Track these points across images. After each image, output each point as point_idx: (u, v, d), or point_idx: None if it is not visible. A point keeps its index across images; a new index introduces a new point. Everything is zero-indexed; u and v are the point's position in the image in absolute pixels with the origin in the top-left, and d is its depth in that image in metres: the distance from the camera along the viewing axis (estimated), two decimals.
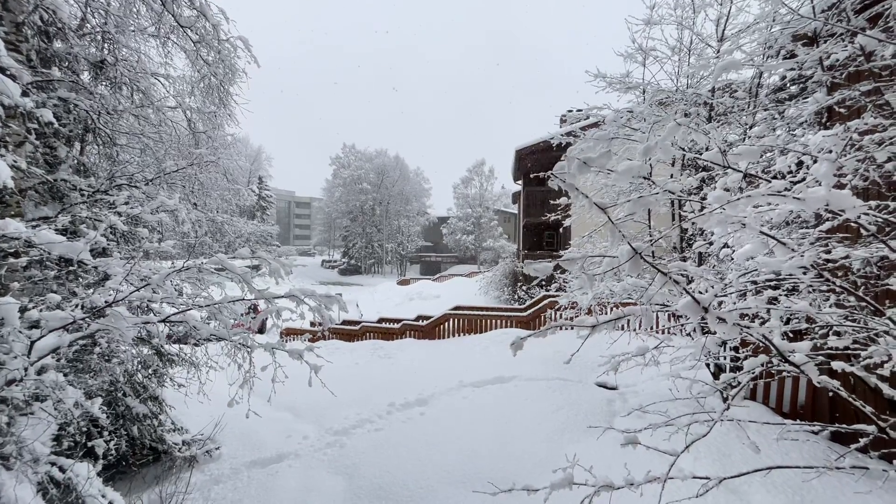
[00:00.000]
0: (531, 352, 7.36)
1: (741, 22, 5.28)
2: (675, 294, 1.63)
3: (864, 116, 2.47)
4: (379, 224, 49.30)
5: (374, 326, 12.12)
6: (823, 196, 1.34)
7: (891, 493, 3.00)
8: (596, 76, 6.01)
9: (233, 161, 6.82)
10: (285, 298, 3.10)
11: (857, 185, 2.62)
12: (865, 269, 2.73)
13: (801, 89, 4.55)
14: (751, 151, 1.60)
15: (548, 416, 5.39)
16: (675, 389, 2.94)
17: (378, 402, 6.29)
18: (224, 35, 5.38)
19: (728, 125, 5.41)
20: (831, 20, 3.10)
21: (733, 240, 2.38)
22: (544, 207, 11.28)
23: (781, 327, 1.99)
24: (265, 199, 46.84)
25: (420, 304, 19.93)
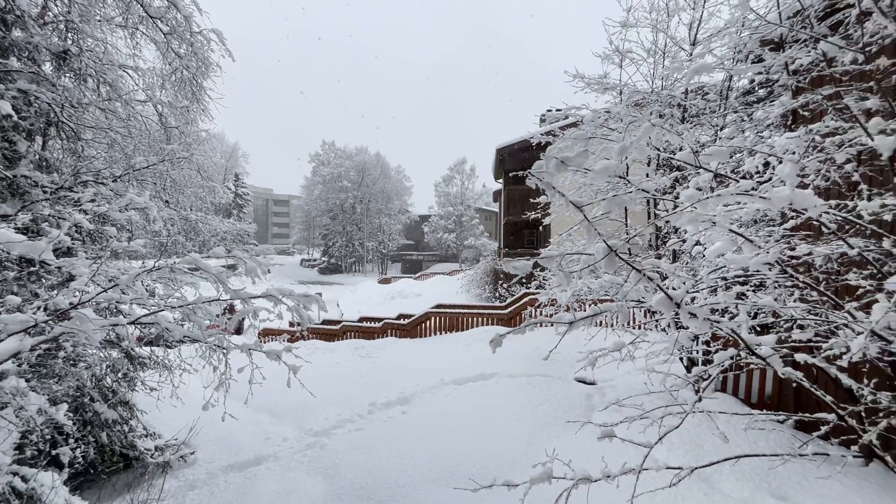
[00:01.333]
0: (512, 349, 7.43)
1: (712, 27, 5.45)
2: (649, 290, 1.68)
3: (825, 119, 2.59)
4: (360, 222, 48.81)
5: (355, 326, 12.01)
6: (787, 195, 1.40)
7: (850, 477, 3.17)
8: (574, 76, 6.10)
9: (207, 157, 6.62)
10: (262, 298, 3.04)
11: (819, 185, 2.75)
12: (827, 265, 2.86)
13: (768, 93, 4.73)
14: (720, 152, 1.66)
15: (528, 411, 5.46)
16: (650, 383, 3.03)
17: (359, 401, 6.24)
18: (197, 27, 5.21)
19: (700, 126, 5.59)
20: (796, 27, 3.24)
21: (705, 237, 2.46)
22: (525, 206, 11.41)
23: (749, 321, 2.07)
24: (242, 196, 45.75)
25: (401, 303, 19.85)
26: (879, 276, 2.31)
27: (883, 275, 2.25)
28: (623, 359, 2.79)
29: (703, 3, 5.37)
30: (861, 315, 2.16)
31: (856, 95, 2.65)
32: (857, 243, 2.23)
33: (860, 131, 2.34)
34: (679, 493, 3.23)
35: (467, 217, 43.25)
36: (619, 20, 5.90)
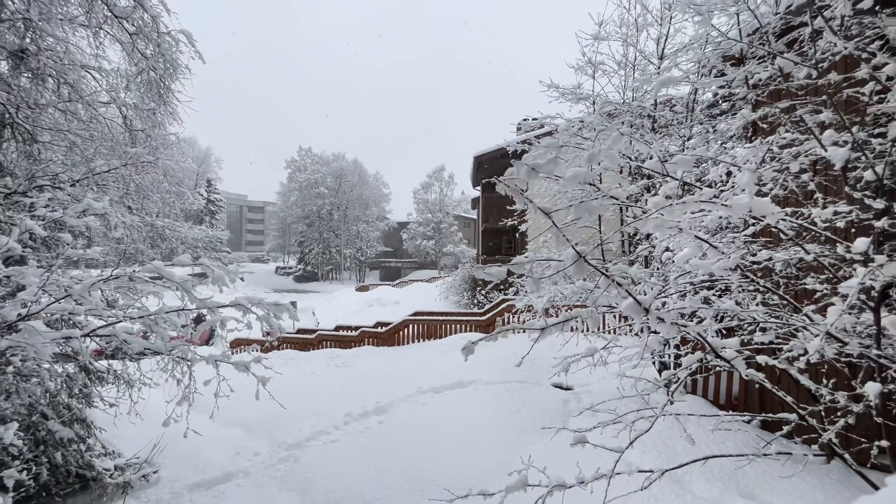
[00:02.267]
0: (490, 355, 7.43)
1: (678, 42, 5.68)
2: (621, 296, 1.70)
3: (780, 131, 2.71)
4: (337, 229, 48.17)
5: (330, 335, 11.78)
6: (747, 203, 1.45)
7: (813, 475, 3.29)
8: (549, 86, 6.23)
9: (176, 162, 6.40)
10: (231, 307, 2.94)
11: (778, 194, 2.88)
12: (786, 270, 2.99)
13: (730, 105, 4.95)
14: (685, 161, 1.71)
15: (506, 418, 5.45)
16: (622, 388, 3.07)
17: (334, 412, 6.09)
18: (164, 28, 5.06)
19: (669, 137, 5.79)
20: (755, 43, 3.40)
21: (674, 244, 2.53)
22: (502, 213, 11.54)
23: (714, 325, 2.13)
24: (214, 202, 44.44)
25: (379, 311, 19.61)
26: (834, 280, 2.42)
27: (838, 279, 2.37)
28: (595, 364, 2.82)
29: (670, 19, 5.59)
30: (818, 318, 2.25)
31: (810, 109, 2.79)
32: (813, 249, 2.34)
33: (815, 143, 2.46)
34: (652, 496, 3.27)
35: (446, 224, 43.34)
36: (591, 33, 6.08)
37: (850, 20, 2.81)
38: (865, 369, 2.44)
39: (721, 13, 3.55)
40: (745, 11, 3.32)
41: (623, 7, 5.94)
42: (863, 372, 2.48)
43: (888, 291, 2.28)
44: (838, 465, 3.35)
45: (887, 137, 2.30)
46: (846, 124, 2.32)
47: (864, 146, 2.34)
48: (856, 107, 2.66)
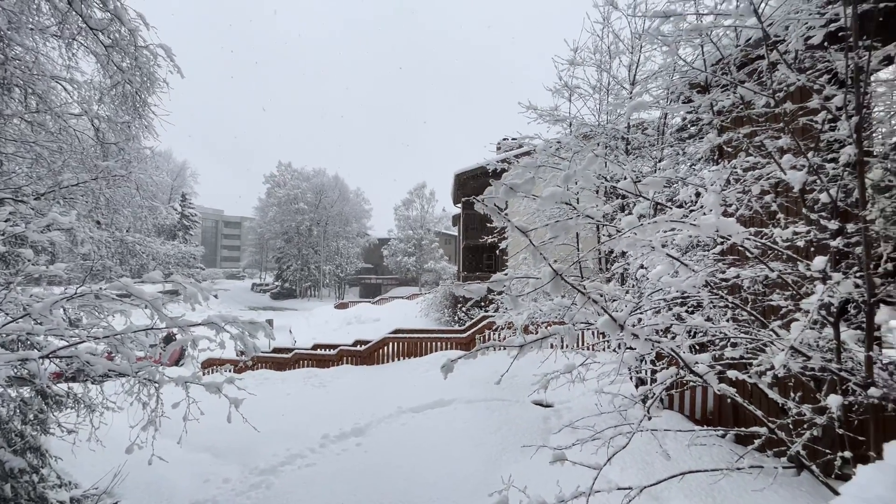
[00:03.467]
0: (471, 373, 7.38)
1: (648, 69, 5.97)
2: (597, 312, 1.74)
3: (743, 155, 2.87)
4: (316, 245, 47.49)
5: (307, 354, 11.48)
6: (714, 223, 1.52)
7: (784, 487, 3.36)
8: (528, 108, 6.42)
9: (150, 176, 6.24)
10: (203, 326, 2.84)
11: (743, 214, 3.02)
12: (753, 286, 3.12)
13: (698, 130, 5.21)
14: (655, 182, 1.79)
15: (487, 437, 5.39)
16: (601, 404, 3.10)
17: (311, 434, 5.89)
18: (142, 41, 5.00)
19: (642, 158, 6.02)
20: (718, 73, 3.62)
21: (647, 261, 2.61)
22: (483, 230, 11.66)
23: (687, 340, 2.19)
24: (189, 217, 43.32)
25: (359, 329, 19.29)
26: (797, 296, 2.54)
27: (800, 295, 2.48)
28: (574, 380, 2.85)
29: (640, 48, 5.89)
30: (784, 332, 2.35)
31: (770, 135, 2.97)
32: (776, 267, 2.45)
33: (775, 166, 2.61)
34: None
35: (427, 240, 43.37)
36: (567, 58, 6.33)
37: (802, 54, 3.03)
38: (828, 382, 2.55)
39: (686, 44, 3.76)
40: (709, 44, 3.53)
41: (597, 35, 6.23)
42: (826, 385, 2.58)
43: (846, 307, 2.41)
44: (807, 477, 3.44)
45: (839, 162, 2.46)
46: (802, 150, 2.47)
47: (819, 170, 2.49)
48: (811, 133, 2.85)
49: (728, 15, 2.81)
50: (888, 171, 2.58)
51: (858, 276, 2.19)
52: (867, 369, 2.14)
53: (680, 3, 3.17)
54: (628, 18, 5.81)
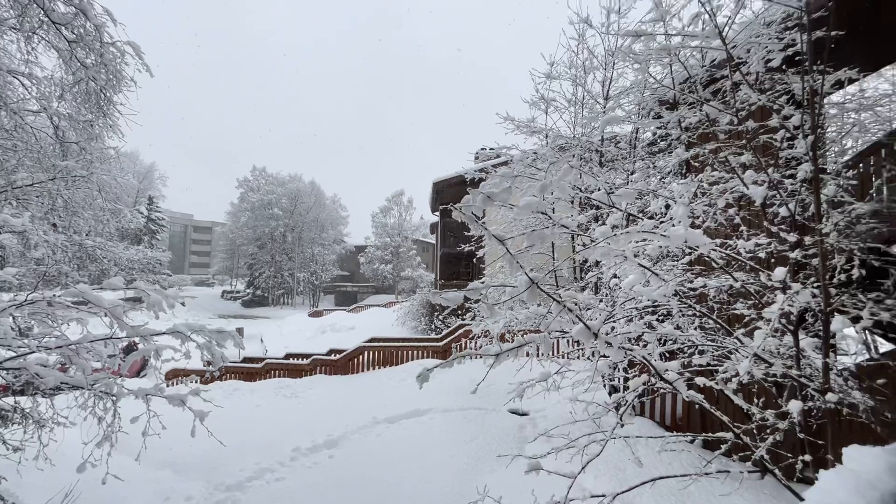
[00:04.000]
0: (447, 382, 7.33)
1: (621, 85, 6.19)
2: (571, 321, 1.76)
3: (707, 170, 2.99)
4: (290, 252, 46.44)
5: (279, 363, 11.14)
6: (682, 234, 1.57)
7: (750, 491, 3.47)
8: (505, 119, 6.52)
9: (114, 177, 5.97)
10: (168, 335, 2.72)
11: (709, 226, 3.14)
12: (719, 296, 3.23)
13: (668, 144, 5.42)
14: (628, 193, 1.83)
15: (463, 447, 5.35)
16: (575, 412, 3.13)
17: (281, 447, 5.69)
18: (109, 38, 4.81)
19: (615, 170, 6.20)
20: (686, 91, 3.78)
21: (620, 271, 2.67)
22: (461, 238, 11.71)
23: (658, 348, 2.24)
24: (156, 221, 41.63)
25: (333, 337, 18.90)
26: (760, 305, 2.65)
27: (762, 304, 2.59)
28: (549, 388, 2.87)
29: (613, 65, 6.10)
30: (748, 340, 2.44)
31: (733, 151, 3.11)
32: (740, 277, 2.56)
33: (738, 181, 2.74)
34: None
35: (405, 248, 43.15)
36: (543, 72, 6.49)
37: (763, 76, 3.20)
38: (789, 388, 2.66)
39: (656, 63, 3.92)
40: (677, 63, 3.69)
41: (572, 51, 6.42)
42: (787, 391, 2.69)
43: (804, 316, 2.53)
44: (771, 481, 3.56)
45: (797, 178, 2.60)
46: (763, 166, 2.60)
47: (778, 186, 2.63)
48: (770, 151, 3.01)
49: (695, 36, 2.95)
50: (840, 188, 2.75)
51: (816, 287, 2.31)
52: (824, 375, 2.25)
53: (650, 23, 3.30)
54: (602, 36, 6.02)
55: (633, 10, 5.72)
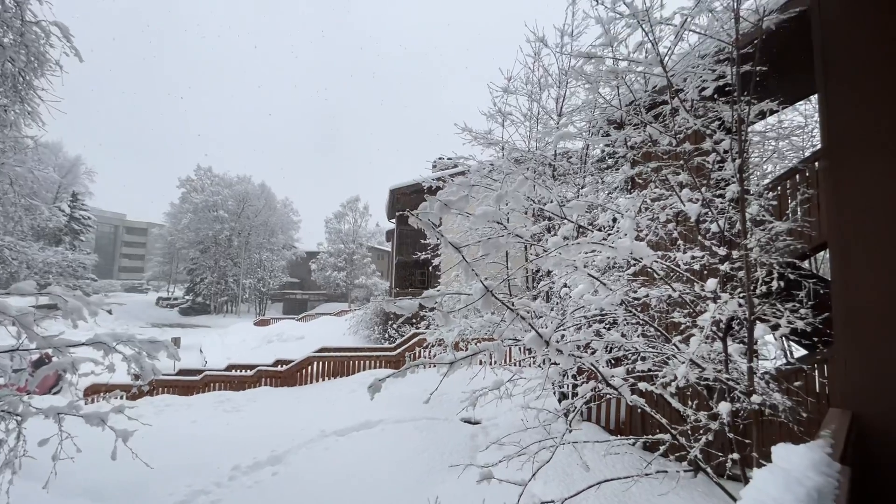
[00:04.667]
0: (400, 392, 7.21)
1: (573, 103, 6.49)
2: (524, 329, 1.79)
3: (650, 186, 3.20)
4: (236, 257, 43.93)
5: (220, 375, 10.43)
6: (628, 246, 1.65)
7: (684, 489, 3.69)
8: (463, 129, 6.62)
9: (30, 170, 5.35)
10: (88, 346, 2.45)
11: (651, 239, 3.35)
12: (659, 305, 3.44)
13: (615, 161, 5.74)
14: (579, 206, 1.91)
15: (414, 458, 5.26)
16: (526, 419, 3.18)
17: (219, 466, 5.29)
18: (32, 16, 4.34)
19: (567, 184, 6.47)
20: (631, 112, 4.04)
21: (570, 280, 2.77)
22: (417, 246, 11.64)
23: (605, 356, 2.33)
24: (80, 220, 37.86)
25: (281, 347, 18.02)
26: (694, 314, 2.85)
27: (697, 313, 2.79)
28: (501, 396, 2.89)
29: (566, 83, 6.40)
30: (684, 347, 2.60)
31: (672, 170, 3.35)
32: (678, 287, 2.73)
33: (676, 198, 2.94)
34: None
35: (359, 255, 42.24)
36: (501, 86, 6.68)
37: (697, 103, 3.49)
38: (718, 391, 2.86)
39: (605, 84, 4.16)
40: (624, 86, 3.94)
41: (528, 68, 6.67)
42: (717, 393, 2.90)
43: (731, 324, 2.74)
44: (703, 479, 3.81)
45: (726, 198, 2.84)
46: (697, 185, 2.82)
47: (710, 204, 2.86)
48: (703, 172, 3.27)
49: (639, 63, 3.16)
50: (762, 208, 3.03)
51: (742, 297, 2.52)
52: (749, 379, 2.44)
53: (601, 47, 3.50)
54: (556, 55, 6.30)
55: (584, 34, 6.05)
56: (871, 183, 0.90)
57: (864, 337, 0.89)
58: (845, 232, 0.94)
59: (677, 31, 3.32)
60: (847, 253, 0.94)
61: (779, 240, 3.17)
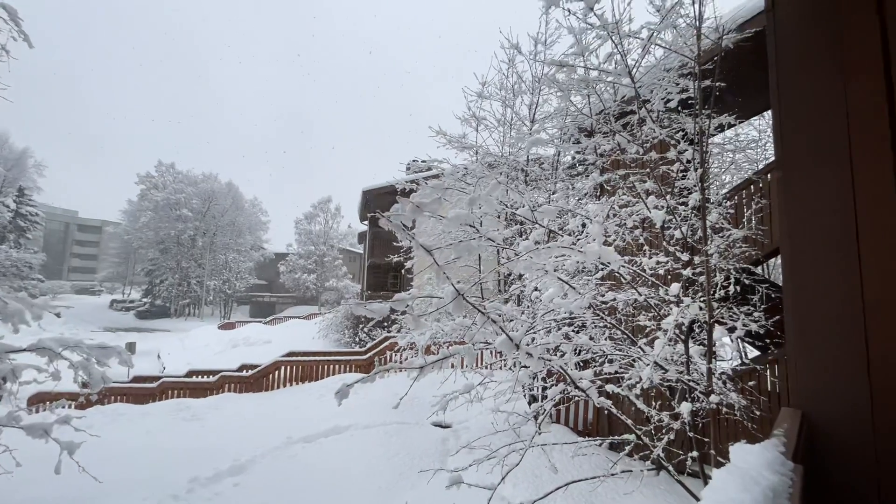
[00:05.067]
0: (370, 397, 7.11)
1: (546, 110, 6.63)
2: (495, 332, 1.79)
3: (619, 193, 3.29)
4: (200, 258, 42.12)
5: (179, 382, 9.95)
6: (597, 251, 1.68)
7: (647, 487, 3.80)
8: (437, 133, 6.64)
9: None
10: (30, 352, 2.27)
11: (619, 244, 3.45)
12: (626, 308, 3.55)
13: (585, 168, 5.90)
14: (550, 211, 1.93)
15: (384, 463, 5.18)
16: (496, 423, 3.19)
17: (176, 478, 5.02)
18: None
19: (538, 189, 6.59)
20: (601, 121, 4.16)
21: (541, 284, 2.80)
22: (389, 249, 11.58)
23: (573, 358, 2.37)
24: (27, 216, 35.37)
25: (247, 352, 17.41)
26: (659, 317, 2.95)
27: (661, 317, 2.88)
28: (472, 400, 2.89)
29: (539, 90, 6.53)
30: (649, 349, 2.68)
31: (639, 178, 3.47)
32: (644, 291, 2.82)
33: (643, 205, 3.04)
34: None
35: (330, 257, 41.40)
36: (476, 91, 6.74)
37: (662, 114, 3.63)
38: (680, 391, 2.97)
39: (577, 93, 4.26)
40: (594, 95, 4.05)
41: (503, 74, 6.76)
42: (678, 394, 3.01)
43: (693, 326, 2.86)
44: (665, 476, 3.94)
45: (689, 206, 2.96)
46: (662, 193, 2.92)
47: (674, 211, 2.97)
48: (668, 180, 3.40)
49: (609, 73, 3.26)
50: (721, 216, 3.19)
51: (702, 301, 2.63)
52: (708, 379, 2.55)
53: (573, 56, 3.59)
54: (530, 62, 6.42)
55: (557, 42, 6.20)
56: (819, 193, 0.95)
57: (811, 339, 0.94)
58: (795, 239, 0.99)
59: (644, 45, 3.45)
60: (797, 259, 0.99)
61: (736, 246, 3.34)
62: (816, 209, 0.93)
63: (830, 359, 0.89)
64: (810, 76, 0.97)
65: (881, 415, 0.81)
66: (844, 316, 0.87)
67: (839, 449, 0.84)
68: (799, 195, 0.97)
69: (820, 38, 0.96)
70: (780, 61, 1.04)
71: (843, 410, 0.85)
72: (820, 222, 0.92)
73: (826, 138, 0.93)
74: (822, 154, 0.94)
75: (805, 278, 0.95)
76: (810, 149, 0.96)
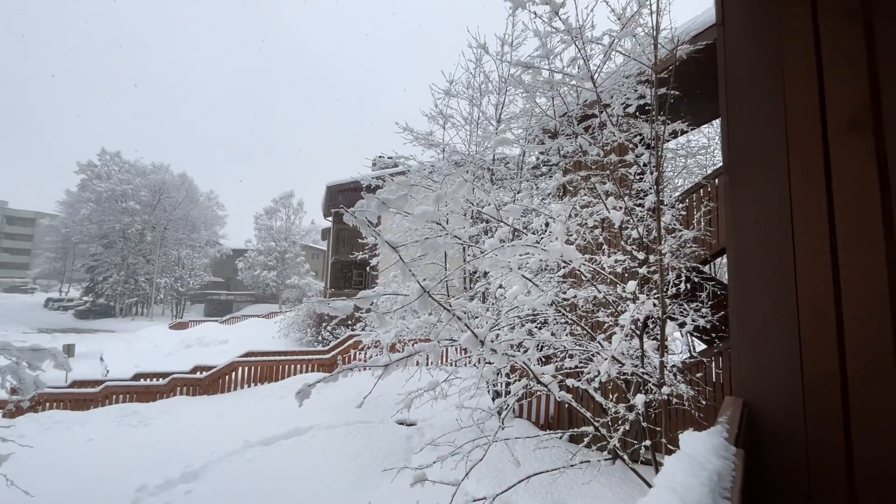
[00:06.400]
0: (334, 396, 6.97)
1: (512, 111, 6.73)
2: (460, 329, 1.80)
3: (580, 193, 3.40)
4: (149, 253, 39.57)
5: (125, 386, 9.31)
6: (559, 249, 1.73)
7: (604, 476, 3.96)
8: (404, 129, 6.58)
9: None
10: None
11: (580, 243, 3.57)
12: (586, 305, 3.67)
13: (549, 169, 6.05)
14: (515, 210, 1.97)
15: (347, 464, 5.09)
16: (461, 419, 3.23)
17: (120, 489, 4.71)
18: None
19: (504, 189, 6.69)
20: (564, 123, 4.28)
21: (505, 281, 2.85)
22: (354, 245, 11.35)
23: (536, 354, 2.43)
24: None
25: (201, 353, 16.59)
26: (616, 313, 3.08)
27: (618, 313, 3.01)
28: (437, 397, 2.90)
29: (506, 91, 6.61)
30: (607, 344, 2.80)
31: (599, 179, 3.60)
32: (603, 289, 2.93)
33: (602, 206, 3.16)
34: None
35: (292, 254, 40.11)
36: (443, 88, 6.73)
37: (622, 119, 3.78)
38: (635, 384, 3.12)
39: (542, 95, 4.36)
40: (558, 97, 4.16)
41: (470, 72, 6.79)
42: (633, 386, 3.16)
43: (647, 322, 3.00)
44: (620, 465, 4.13)
45: (645, 207, 3.11)
46: (621, 195, 3.05)
47: (631, 212, 3.11)
48: (626, 182, 3.55)
49: (573, 76, 3.35)
50: (674, 217, 3.37)
51: (656, 298, 2.77)
52: (660, 372, 2.69)
53: (538, 58, 3.66)
54: (496, 63, 6.49)
55: (523, 45, 6.30)
56: (760, 199, 1.02)
57: (751, 334, 1.01)
58: (740, 240, 1.06)
59: (606, 51, 3.57)
60: (741, 259, 1.06)
61: (686, 246, 3.54)
62: (758, 214, 1.00)
63: (768, 352, 0.96)
64: (755, 89, 1.04)
65: (811, 403, 0.88)
66: (780, 314, 0.94)
67: (775, 433, 0.91)
68: (742, 200, 1.04)
69: (764, 54, 1.03)
70: (729, 73, 1.11)
71: (778, 399, 0.92)
72: (761, 226, 0.99)
73: (766, 148, 1.00)
74: (762, 163, 1.01)
75: (747, 278, 1.03)
76: (753, 157, 1.03)
